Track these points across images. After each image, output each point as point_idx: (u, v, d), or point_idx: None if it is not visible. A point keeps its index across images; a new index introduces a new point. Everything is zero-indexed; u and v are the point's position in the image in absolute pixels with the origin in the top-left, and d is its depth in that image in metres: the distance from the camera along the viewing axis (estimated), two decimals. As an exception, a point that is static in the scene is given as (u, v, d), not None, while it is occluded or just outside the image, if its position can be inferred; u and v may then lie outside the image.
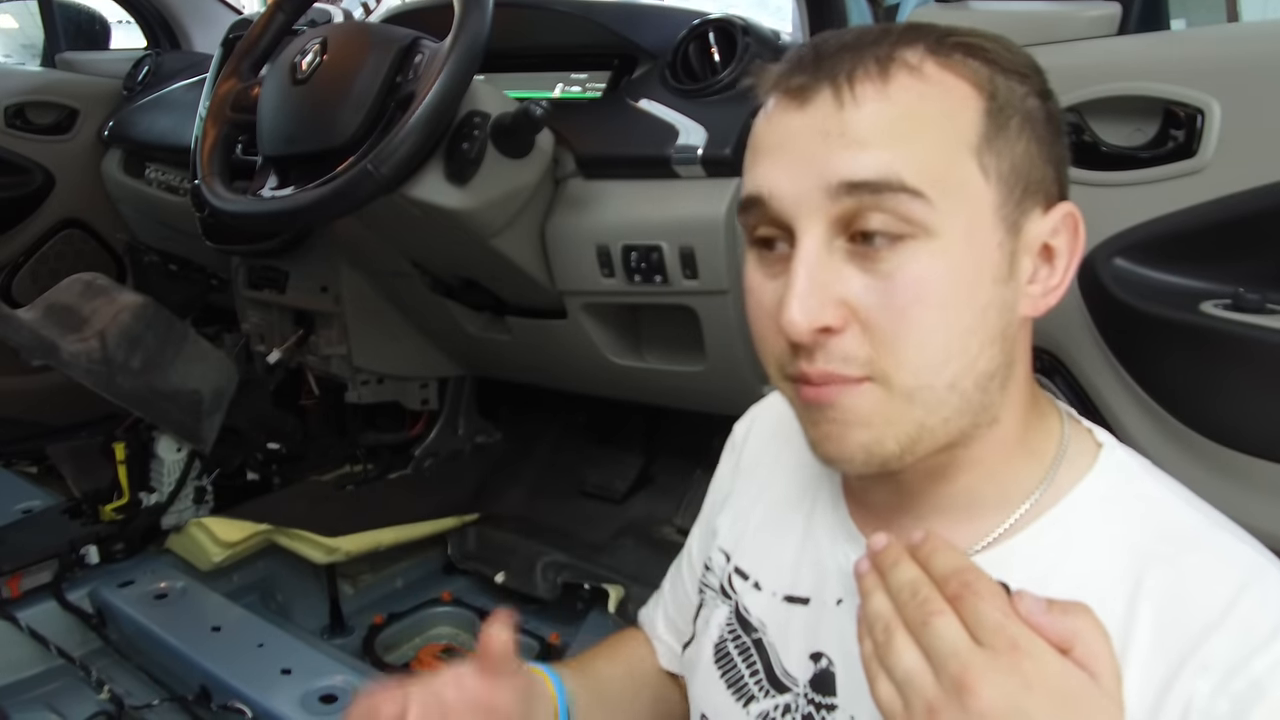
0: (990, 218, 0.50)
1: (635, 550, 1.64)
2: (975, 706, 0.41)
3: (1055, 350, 0.96)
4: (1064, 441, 0.56)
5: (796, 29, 1.28)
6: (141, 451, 1.59)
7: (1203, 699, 0.46)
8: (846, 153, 0.48)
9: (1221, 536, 0.51)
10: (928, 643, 0.43)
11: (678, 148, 1.17)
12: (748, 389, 1.21)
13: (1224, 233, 0.84)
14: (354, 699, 0.62)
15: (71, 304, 1.53)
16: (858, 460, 0.51)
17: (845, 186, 0.48)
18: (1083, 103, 0.90)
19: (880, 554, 0.47)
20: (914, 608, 0.44)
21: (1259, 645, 0.45)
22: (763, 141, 0.53)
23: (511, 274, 1.33)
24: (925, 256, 0.48)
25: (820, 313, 0.48)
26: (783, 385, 0.54)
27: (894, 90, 0.49)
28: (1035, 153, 0.51)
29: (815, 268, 0.49)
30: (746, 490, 0.72)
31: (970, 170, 0.49)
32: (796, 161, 0.50)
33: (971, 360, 0.50)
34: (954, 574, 0.45)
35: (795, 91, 0.51)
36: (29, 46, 2.89)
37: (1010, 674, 0.41)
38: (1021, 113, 0.51)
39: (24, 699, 1.33)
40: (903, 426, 0.50)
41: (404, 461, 1.88)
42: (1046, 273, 0.53)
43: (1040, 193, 0.52)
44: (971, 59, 0.51)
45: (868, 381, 0.49)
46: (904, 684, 0.44)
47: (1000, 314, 0.51)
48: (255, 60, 1.30)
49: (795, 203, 0.50)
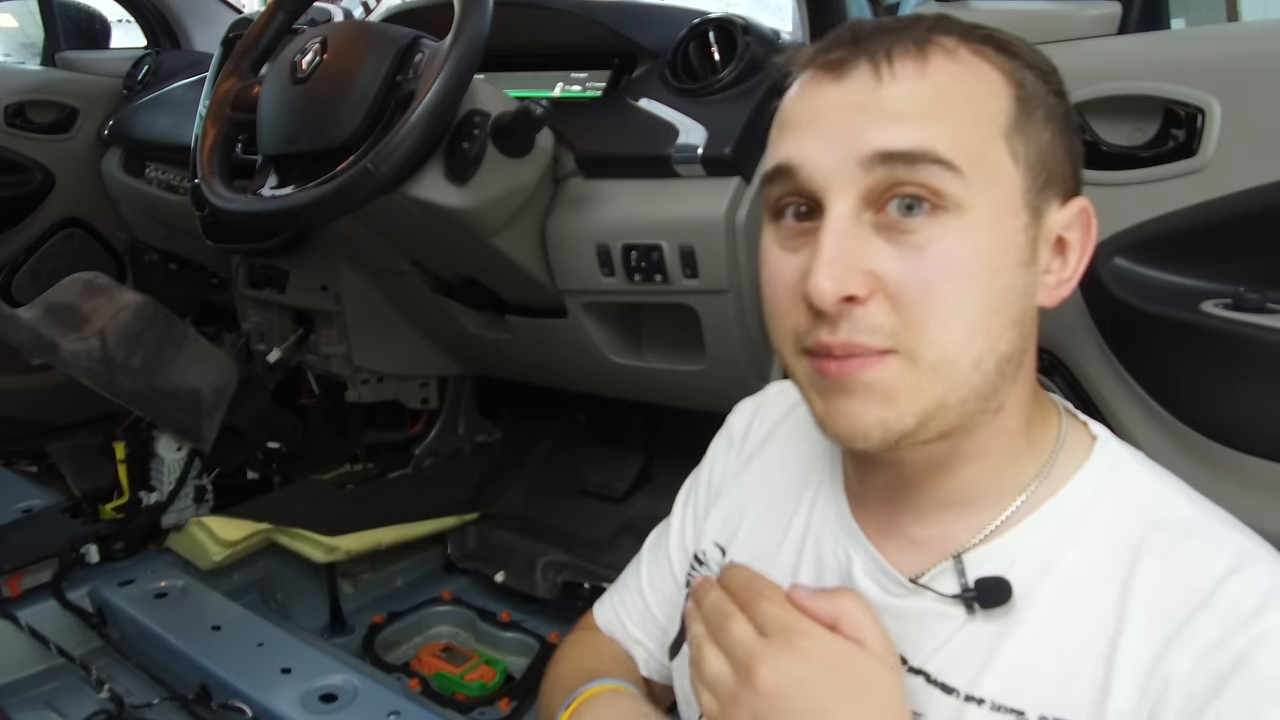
0: (1017, 200, 0.51)
1: (635, 549, 1.63)
2: (761, 687, 0.49)
3: (1055, 349, 0.96)
4: (1062, 435, 0.57)
5: (797, 28, 1.28)
6: (141, 450, 1.59)
7: (1181, 675, 0.46)
8: (882, 124, 0.49)
9: (1215, 525, 0.52)
10: (724, 644, 0.52)
11: (678, 147, 1.17)
12: (748, 388, 1.21)
13: (1224, 232, 0.84)
14: (354, 698, 0.62)
15: (71, 303, 1.53)
16: (874, 437, 0.51)
17: (880, 156, 0.48)
18: (1083, 102, 0.90)
19: (697, 589, 0.56)
20: (714, 619, 0.53)
21: (1241, 622, 0.46)
22: (794, 115, 0.53)
23: (512, 273, 1.33)
24: (955, 231, 0.49)
25: (846, 280, 0.48)
26: (796, 361, 0.53)
27: (931, 70, 0.50)
28: (1058, 145, 0.53)
29: (844, 236, 0.49)
30: (743, 483, 0.72)
31: (1001, 152, 0.50)
32: (830, 133, 0.50)
33: (994, 340, 0.50)
34: (741, 584, 0.54)
35: (833, 65, 0.51)
36: (29, 45, 2.89)
37: (787, 654, 0.49)
38: (1045, 106, 0.52)
39: (24, 698, 1.33)
40: (922, 402, 0.50)
41: (404, 460, 1.88)
42: (1059, 264, 0.54)
43: (1059, 184, 0.53)
44: (1000, 52, 0.52)
45: (891, 355, 0.49)
46: (712, 684, 0.52)
47: (1021, 297, 0.51)
48: (255, 59, 1.30)
49: (827, 173, 0.50)
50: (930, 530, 0.57)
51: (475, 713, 1.43)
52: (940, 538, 0.56)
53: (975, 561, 0.54)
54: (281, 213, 1.15)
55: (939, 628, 0.54)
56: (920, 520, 0.57)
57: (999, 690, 0.51)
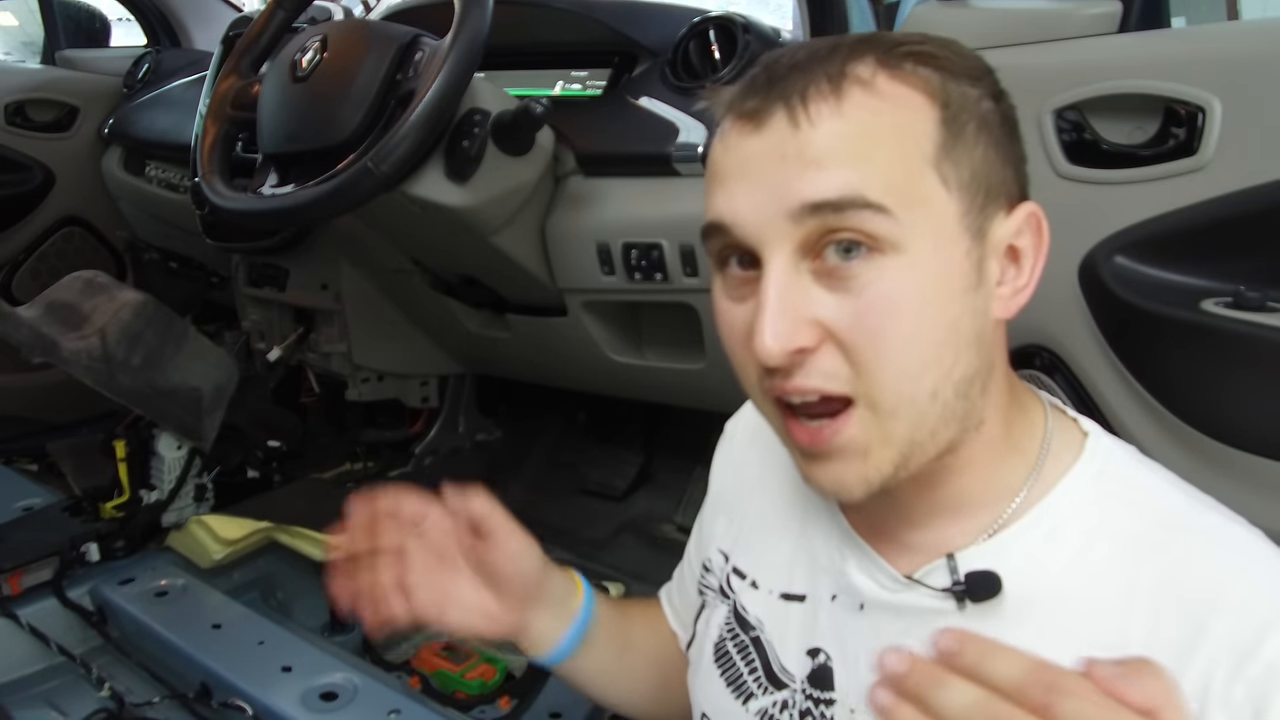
0: (955, 227, 0.50)
1: (635, 548, 1.64)
2: None
3: (1055, 348, 0.96)
4: (1047, 435, 0.57)
5: (797, 26, 1.27)
6: (142, 449, 1.59)
7: (1219, 686, 0.46)
8: (806, 174, 0.48)
9: (1213, 518, 0.52)
10: None
11: (678, 145, 1.17)
12: (748, 387, 1.21)
13: (1225, 231, 0.84)
14: (354, 697, 0.62)
15: (72, 301, 1.53)
16: (857, 492, 0.51)
17: (808, 208, 0.47)
18: (1083, 100, 0.90)
19: (908, 677, 0.39)
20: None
21: (1264, 627, 0.46)
22: (721, 167, 0.52)
23: (512, 271, 1.33)
24: (893, 272, 0.48)
25: (793, 335, 0.48)
26: (767, 407, 0.53)
27: (848, 107, 0.48)
28: (994, 156, 0.51)
29: (785, 289, 0.48)
30: (742, 489, 0.72)
31: (931, 182, 0.49)
32: (757, 186, 0.49)
33: (947, 370, 0.50)
34: (1031, 679, 0.37)
35: (750, 114, 0.50)
36: (29, 44, 2.89)
37: None
38: (976, 117, 0.51)
39: (24, 696, 1.33)
40: (896, 447, 0.50)
41: (404, 459, 1.88)
42: (1014, 273, 0.53)
43: (1002, 195, 0.52)
44: (922, 67, 0.50)
45: (854, 408, 0.49)
46: None
47: (973, 320, 0.51)
48: (255, 58, 1.30)
49: (759, 228, 0.49)
50: (925, 535, 0.57)
51: (475, 711, 1.43)
52: (935, 542, 0.56)
53: (969, 561, 0.54)
54: (281, 211, 1.15)
55: (933, 624, 0.54)
56: (915, 527, 0.57)
57: None
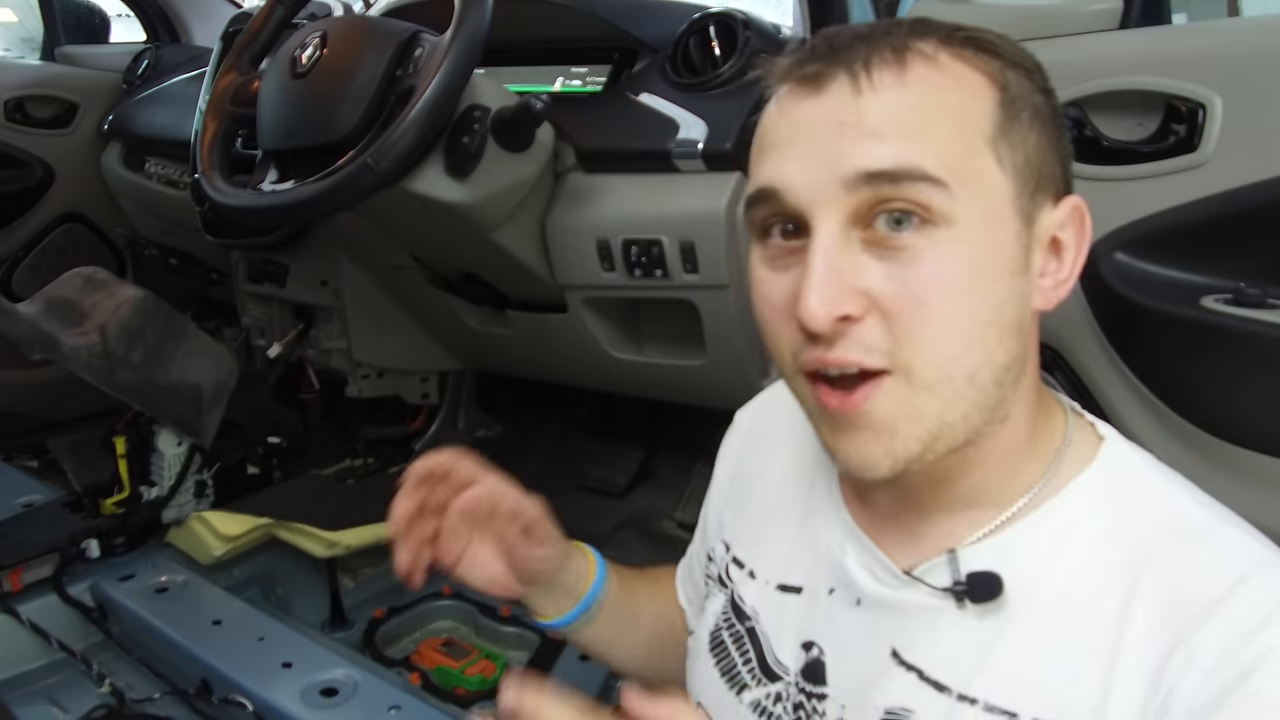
0: (1007, 208, 0.50)
1: (636, 544, 1.64)
2: None
3: (1056, 345, 0.96)
4: (1067, 436, 0.56)
5: (797, 23, 1.27)
6: (142, 445, 1.59)
7: (1187, 687, 0.45)
8: (863, 143, 0.47)
9: (1225, 530, 0.51)
10: None
11: (678, 142, 1.16)
12: (748, 383, 1.21)
13: (1225, 227, 0.84)
14: (355, 692, 0.62)
15: (72, 298, 1.54)
16: (883, 467, 0.50)
17: (864, 177, 0.47)
18: (1084, 97, 0.90)
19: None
20: None
21: (1248, 633, 0.45)
22: (773, 132, 0.52)
23: (512, 268, 1.33)
24: (945, 245, 0.48)
25: (840, 301, 0.47)
26: (797, 382, 0.53)
27: (911, 79, 0.48)
28: (1045, 145, 0.52)
29: (833, 256, 0.48)
30: (747, 480, 0.72)
31: (987, 160, 0.49)
32: (811, 152, 0.49)
33: (990, 352, 0.50)
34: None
35: (810, 79, 0.50)
36: (28, 40, 2.89)
37: None
38: (1031, 106, 0.51)
39: (25, 692, 1.34)
40: (925, 424, 0.49)
41: (404, 455, 1.88)
42: (1055, 266, 0.53)
43: (1050, 185, 0.52)
44: (982, 53, 0.51)
45: (888, 377, 0.49)
46: None
47: (1018, 306, 0.51)
48: (255, 54, 1.30)
49: (811, 195, 0.49)
50: (932, 528, 0.56)
51: (476, 707, 1.44)
52: (941, 535, 0.56)
53: (971, 558, 0.54)
54: (281, 208, 1.15)
55: (931, 623, 0.54)
56: (923, 519, 0.57)
57: (993, 691, 0.51)
